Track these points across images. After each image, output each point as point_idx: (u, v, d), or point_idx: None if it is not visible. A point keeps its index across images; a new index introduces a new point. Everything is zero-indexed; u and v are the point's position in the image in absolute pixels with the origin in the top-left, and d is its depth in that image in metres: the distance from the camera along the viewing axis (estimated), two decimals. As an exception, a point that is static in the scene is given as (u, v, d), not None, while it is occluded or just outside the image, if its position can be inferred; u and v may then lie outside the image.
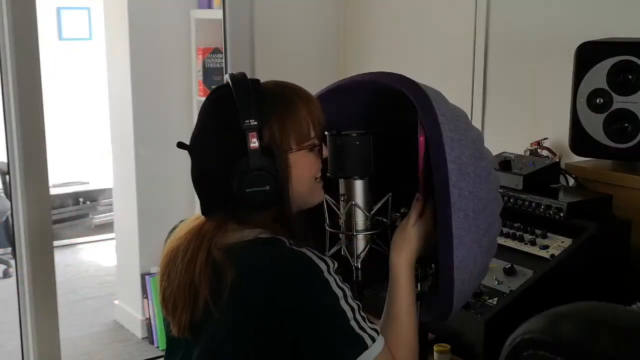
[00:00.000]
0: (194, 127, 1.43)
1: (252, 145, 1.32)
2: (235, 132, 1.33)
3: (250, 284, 1.31)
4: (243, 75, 1.39)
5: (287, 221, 1.39)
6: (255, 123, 1.32)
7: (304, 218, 1.43)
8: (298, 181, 1.39)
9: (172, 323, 1.40)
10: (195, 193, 1.43)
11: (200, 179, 1.40)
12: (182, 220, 1.48)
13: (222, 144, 1.36)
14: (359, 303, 1.32)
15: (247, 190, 1.33)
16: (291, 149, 1.38)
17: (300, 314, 1.28)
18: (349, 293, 1.31)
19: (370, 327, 1.31)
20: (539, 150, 2.41)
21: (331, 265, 1.31)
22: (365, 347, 1.29)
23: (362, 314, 1.32)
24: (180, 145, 1.41)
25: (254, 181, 1.33)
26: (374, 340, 1.30)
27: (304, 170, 1.41)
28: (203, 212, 1.40)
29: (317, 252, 1.33)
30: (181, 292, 1.37)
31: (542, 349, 0.74)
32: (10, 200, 2.90)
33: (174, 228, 1.48)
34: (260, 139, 1.33)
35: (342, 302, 1.29)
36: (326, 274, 1.29)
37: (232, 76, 1.38)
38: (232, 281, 1.30)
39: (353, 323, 1.29)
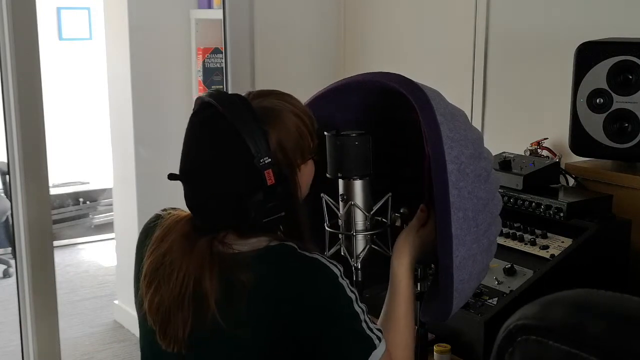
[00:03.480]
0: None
1: (269, 181, 1.30)
2: (249, 168, 1.29)
3: (268, 291, 1.30)
4: (233, 98, 1.33)
5: (296, 227, 1.39)
6: (270, 160, 1.30)
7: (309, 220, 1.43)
8: (304, 187, 1.41)
9: (161, 336, 1.35)
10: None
11: (203, 208, 1.36)
12: (165, 212, 1.43)
13: (234, 179, 1.32)
14: (366, 305, 1.33)
15: (264, 220, 1.32)
16: (299, 166, 1.38)
17: (317, 317, 1.29)
18: (358, 296, 1.33)
19: (375, 329, 1.33)
20: (539, 150, 2.41)
21: (342, 270, 1.33)
22: (374, 347, 1.31)
23: (369, 315, 1.33)
24: (172, 176, 1.35)
25: (271, 211, 1.32)
26: (380, 340, 1.32)
27: (307, 177, 1.42)
28: (203, 232, 1.35)
29: (328, 258, 1.34)
30: (177, 306, 1.32)
31: (535, 334, 0.74)
32: (10, 200, 2.90)
33: (157, 217, 1.43)
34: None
35: (355, 305, 1.31)
36: (340, 279, 1.31)
37: (221, 102, 1.31)
38: (249, 289, 1.29)
39: (364, 325, 1.31)
